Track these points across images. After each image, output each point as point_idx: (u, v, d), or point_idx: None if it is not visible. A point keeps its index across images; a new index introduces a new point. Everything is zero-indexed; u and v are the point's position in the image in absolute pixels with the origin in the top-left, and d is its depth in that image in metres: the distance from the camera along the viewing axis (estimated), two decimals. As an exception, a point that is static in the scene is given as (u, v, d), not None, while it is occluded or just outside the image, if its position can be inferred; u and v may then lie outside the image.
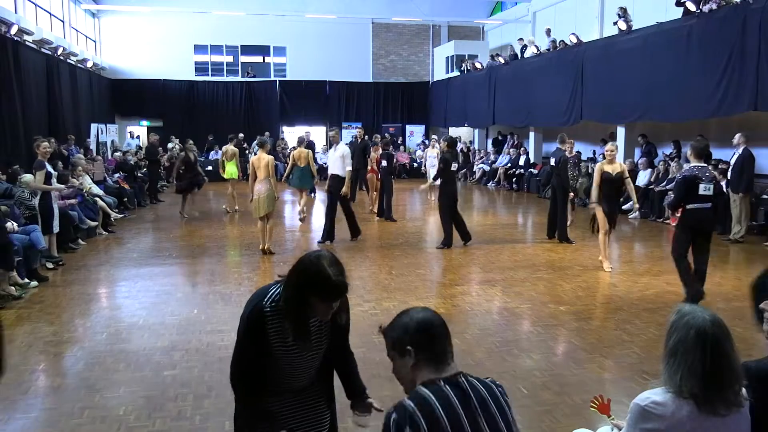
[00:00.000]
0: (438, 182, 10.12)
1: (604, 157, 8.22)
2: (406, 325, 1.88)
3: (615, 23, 13.92)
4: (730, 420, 1.99)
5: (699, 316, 2.00)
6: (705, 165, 6.52)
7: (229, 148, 14.03)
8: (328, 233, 10.10)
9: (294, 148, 14.32)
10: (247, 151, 19.73)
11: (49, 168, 8.28)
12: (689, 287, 6.54)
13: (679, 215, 6.72)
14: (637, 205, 8.09)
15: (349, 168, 10.04)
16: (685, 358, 1.97)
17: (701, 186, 6.29)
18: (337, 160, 10.06)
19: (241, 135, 19.99)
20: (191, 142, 15.02)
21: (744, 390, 2.03)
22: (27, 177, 8.71)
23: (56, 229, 8.50)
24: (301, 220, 12.19)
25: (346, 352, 2.50)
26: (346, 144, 10.77)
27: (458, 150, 22.22)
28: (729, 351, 1.98)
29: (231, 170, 13.82)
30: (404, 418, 1.70)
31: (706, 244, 6.56)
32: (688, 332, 1.98)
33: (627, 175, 8.16)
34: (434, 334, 1.86)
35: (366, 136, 14.55)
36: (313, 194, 14.93)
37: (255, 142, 10.82)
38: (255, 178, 8.90)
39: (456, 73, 22.62)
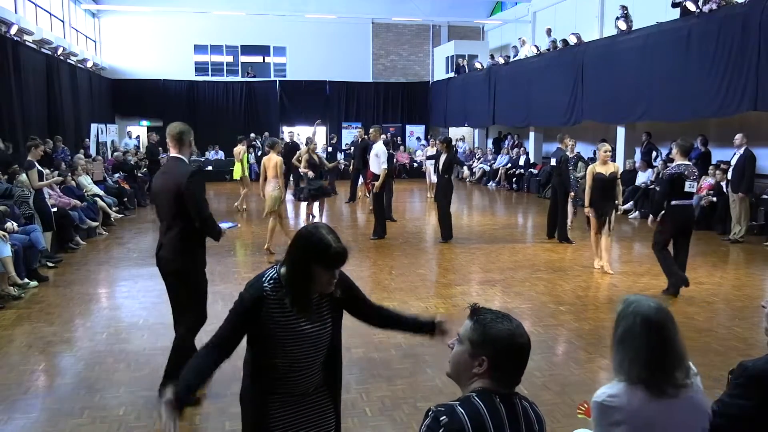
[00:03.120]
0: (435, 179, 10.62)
1: (592, 159, 8.34)
2: (497, 336, 1.70)
3: (618, 18, 13.91)
4: (682, 403, 2.02)
5: (644, 303, 2.06)
6: (689, 163, 6.76)
7: (237, 149, 14.09)
8: (382, 229, 10.46)
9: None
10: (259, 151, 20.35)
11: (39, 167, 8.44)
12: (673, 275, 6.69)
13: (663, 211, 6.83)
14: (621, 205, 8.39)
15: (384, 166, 10.31)
16: (632, 344, 2.02)
17: (687, 183, 6.51)
18: (373, 159, 10.59)
19: (252, 135, 20.06)
20: (314, 142, 11.83)
21: (693, 374, 2.07)
22: (24, 177, 8.73)
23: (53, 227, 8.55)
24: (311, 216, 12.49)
25: (374, 308, 2.54)
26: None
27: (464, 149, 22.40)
28: (673, 335, 2.03)
29: (236, 170, 13.91)
30: (454, 426, 1.62)
31: (687, 242, 6.71)
32: (634, 320, 2.03)
33: (618, 176, 8.15)
34: (519, 361, 1.73)
35: (366, 136, 14.54)
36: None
37: (266, 142, 10.89)
38: (266, 177, 9.12)
39: (454, 74, 22.63)
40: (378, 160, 10.43)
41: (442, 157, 10.01)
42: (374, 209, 10.54)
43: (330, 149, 18.14)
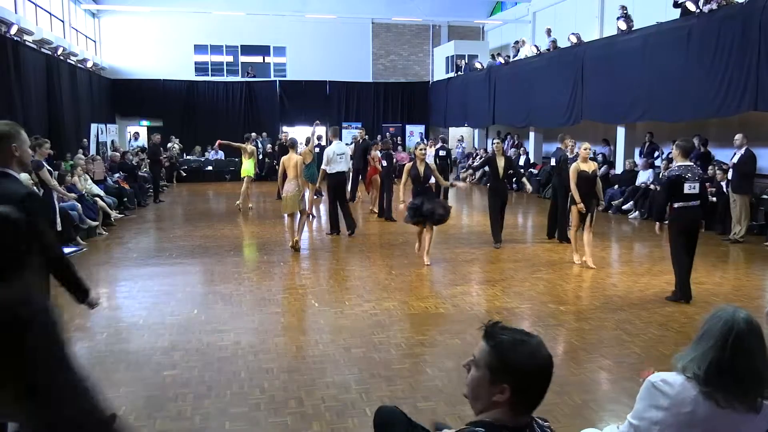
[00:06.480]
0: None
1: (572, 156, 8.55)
2: (520, 362, 1.60)
3: (619, 18, 13.91)
4: (740, 417, 2.01)
5: (731, 310, 2.09)
6: (691, 164, 6.64)
7: (248, 146, 14.10)
8: (332, 227, 10.77)
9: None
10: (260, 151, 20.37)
11: (47, 167, 8.43)
12: (681, 288, 6.61)
13: (668, 215, 6.78)
14: (602, 203, 8.90)
15: (324, 167, 10.63)
16: (706, 344, 2.05)
17: (686, 185, 6.40)
18: (324, 158, 10.79)
19: (253, 134, 20.02)
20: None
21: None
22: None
23: (58, 227, 8.53)
24: (311, 216, 12.57)
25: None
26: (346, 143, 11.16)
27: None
28: (754, 349, 2.01)
29: (248, 168, 13.88)
30: None
31: (692, 246, 6.60)
32: (716, 323, 2.07)
33: (598, 173, 8.54)
34: (543, 383, 1.65)
35: (367, 136, 14.57)
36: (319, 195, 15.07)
37: (287, 142, 11.08)
38: (285, 177, 9.26)
39: (454, 74, 22.64)
40: (326, 159, 10.66)
41: (501, 162, 9.63)
42: (340, 206, 10.71)
43: (317, 150, 16.98)
